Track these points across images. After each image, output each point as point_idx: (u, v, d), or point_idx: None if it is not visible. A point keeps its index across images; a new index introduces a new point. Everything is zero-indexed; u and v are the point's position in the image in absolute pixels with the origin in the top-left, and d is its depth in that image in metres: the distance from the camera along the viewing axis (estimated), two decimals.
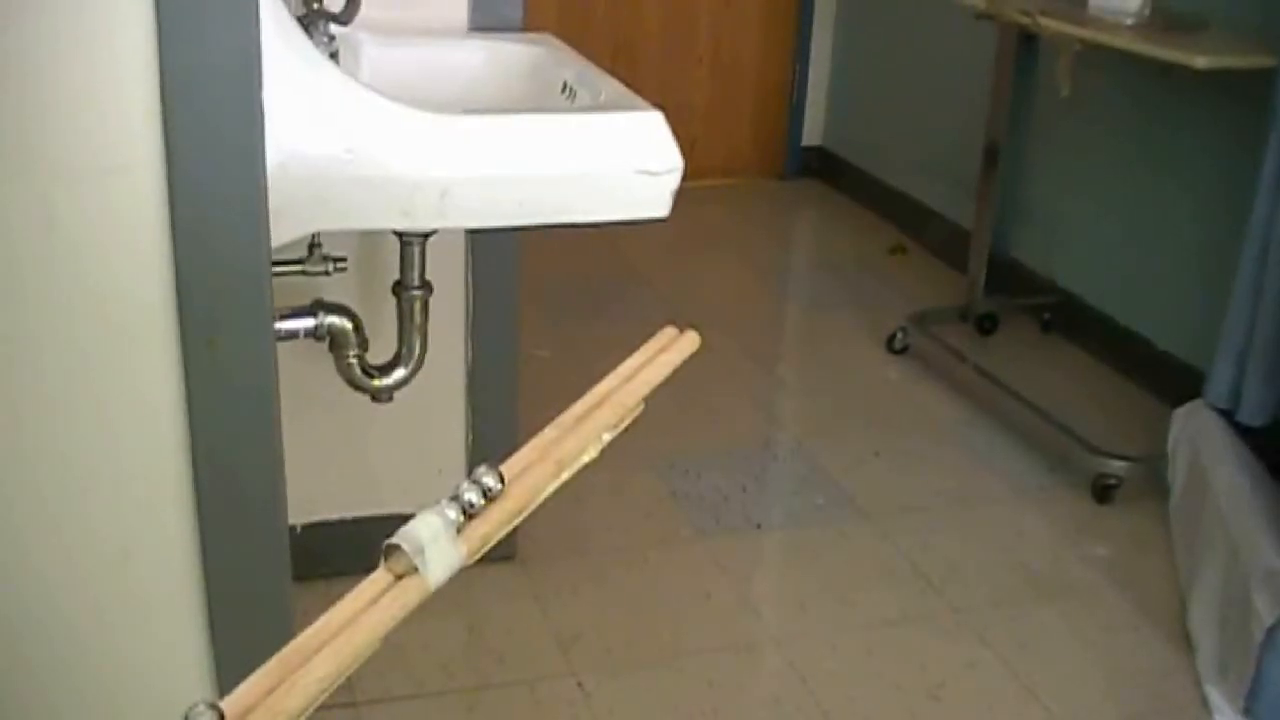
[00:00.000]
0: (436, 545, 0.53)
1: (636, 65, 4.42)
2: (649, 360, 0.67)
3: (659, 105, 1.48)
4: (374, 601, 0.52)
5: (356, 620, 0.51)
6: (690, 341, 0.70)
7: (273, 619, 1.29)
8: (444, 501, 0.56)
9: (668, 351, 0.68)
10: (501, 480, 0.57)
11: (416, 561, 0.53)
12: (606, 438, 0.63)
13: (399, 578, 0.54)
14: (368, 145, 1.36)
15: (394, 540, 0.54)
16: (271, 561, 1.29)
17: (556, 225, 1.45)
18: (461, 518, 0.55)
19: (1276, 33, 2.41)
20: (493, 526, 0.56)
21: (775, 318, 3.70)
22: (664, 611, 2.24)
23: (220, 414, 1.22)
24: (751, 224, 4.39)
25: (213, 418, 1.22)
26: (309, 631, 0.51)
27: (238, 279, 1.21)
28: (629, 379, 0.66)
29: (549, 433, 0.62)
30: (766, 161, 4.73)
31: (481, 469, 0.57)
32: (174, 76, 1.11)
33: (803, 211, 4.58)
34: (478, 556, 0.57)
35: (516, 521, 0.58)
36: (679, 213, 1.55)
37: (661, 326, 0.77)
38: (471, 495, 0.56)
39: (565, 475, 0.60)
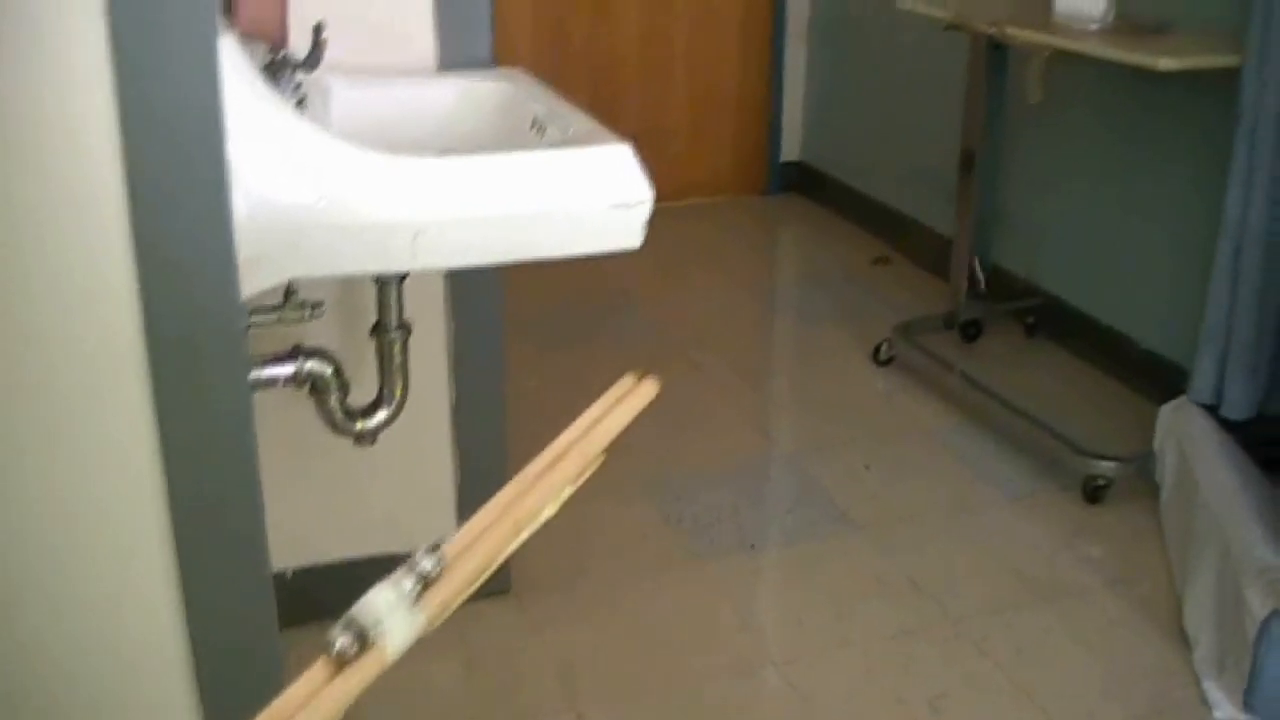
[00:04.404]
0: (393, 617, 0.54)
1: (615, 90, 4.45)
2: (609, 410, 0.68)
3: (638, 129, 1.49)
4: (332, 677, 0.52)
5: (317, 695, 0.51)
6: (649, 388, 0.70)
7: (260, 669, 1.29)
8: (399, 571, 0.57)
9: (627, 400, 0.68)
10: (441, 560, 0.58)
11: (374, 634, 0.53)
12: (567, 492, 0.63)
13: (357, 652, 0.54)
14: (338, 191, 1.36)
15: (351, 614, 0.55)
16: (257, 610, 1.29)
17: (530, 261, 1.45)
18: (419, 587, 0.56)
19: (1239, 32, 2.42)
20: (452, 592, 0.57)
21: (762, 334, 3.71)
22: (662, 638, 2.24)
23: (199, 467, 1.23)
24: (735, 241, 4.40)
25: (191, 471, 1.22)
26: (265, 715, 0.51)
27: (211, 331, 1.21)
28: (588, 430, 0.66)
29: (508, 491, 0.62)
30: (748, 178, 4.75)
31: (422, 550, 0.58)
32: (136, 133, 1.12)
33: (786, 226, 4.59)
34: (438, 623, 0.58)
35: (475, 586, 0.58)
36: (664, 232, 1.56)
37: (649, 348, 0.78)
38: (427, 563, 0.56)
39: (525, 535, 0.61)
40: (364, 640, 0.55)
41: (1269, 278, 2.44)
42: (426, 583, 0.56)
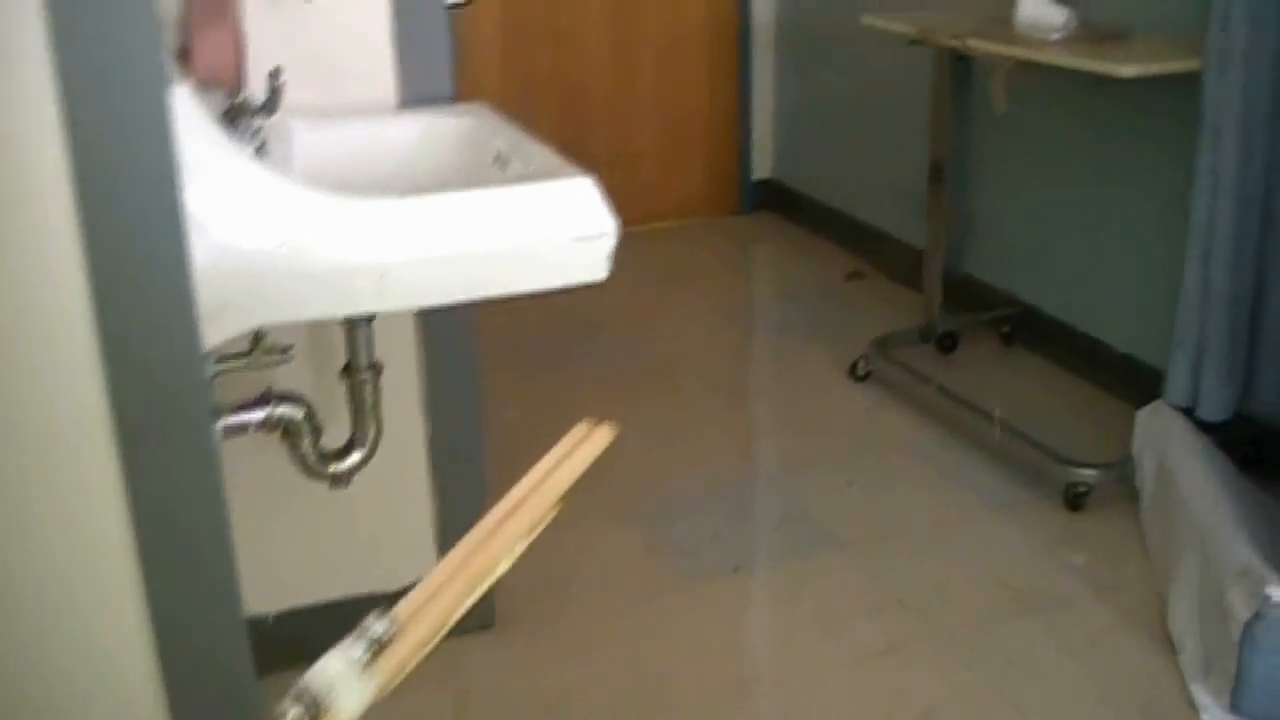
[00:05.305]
0: (344, 685, 0.53)
1: (585, 117, 4.46)
2: (563, 459, 0.67)
3: (609, 155, 1.49)
4: None
5: None
6: (604, 435, 0.70)
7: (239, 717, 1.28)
8: (350, 638, 0.56)
9: (581, 448, 0.68)
10: (394, 622, 0.57)
11: (325, 704, 0.53)
12: (520, 547, 0.63)
13: None
14: (299, 237, 1.36)
15: (302, 684, 0.54)
16: (233, 661, 1.28)
17: (496, 298, 1.45)
18: (370, 653, 0.55)
19: (1200, 36, 2.44)
20: (407, 653, 0.56)
21: (740, 353, 3.71)
22: (651, 665, 2.23)
23: (167, 520, 1.22)
24: (710, 261, 4.41)
25: (160, 524, 1.21)
26: None
27: (174, 383, 1.20)
28: (542, 481, 0.66)
29: (462, 547, 0.62)
30: (721, 199, 4.76)
31: (374, 614, 0.57)
32: (90, 192, 1.11)
33: (760, 245, 4.60)
34: (394, 685, 0.57)
35: (432, 645, 0.58)
36: (639, 256, 1.56)
37: (627, 371, 0.78)
38: (378, 628, 0.56)
39: (481, 589, 0.60)
40: (316, 709, 0.55)
41: (1239, 279, 2.45)
42: (381, 645, 0.56)
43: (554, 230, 1.44)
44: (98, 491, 1.20)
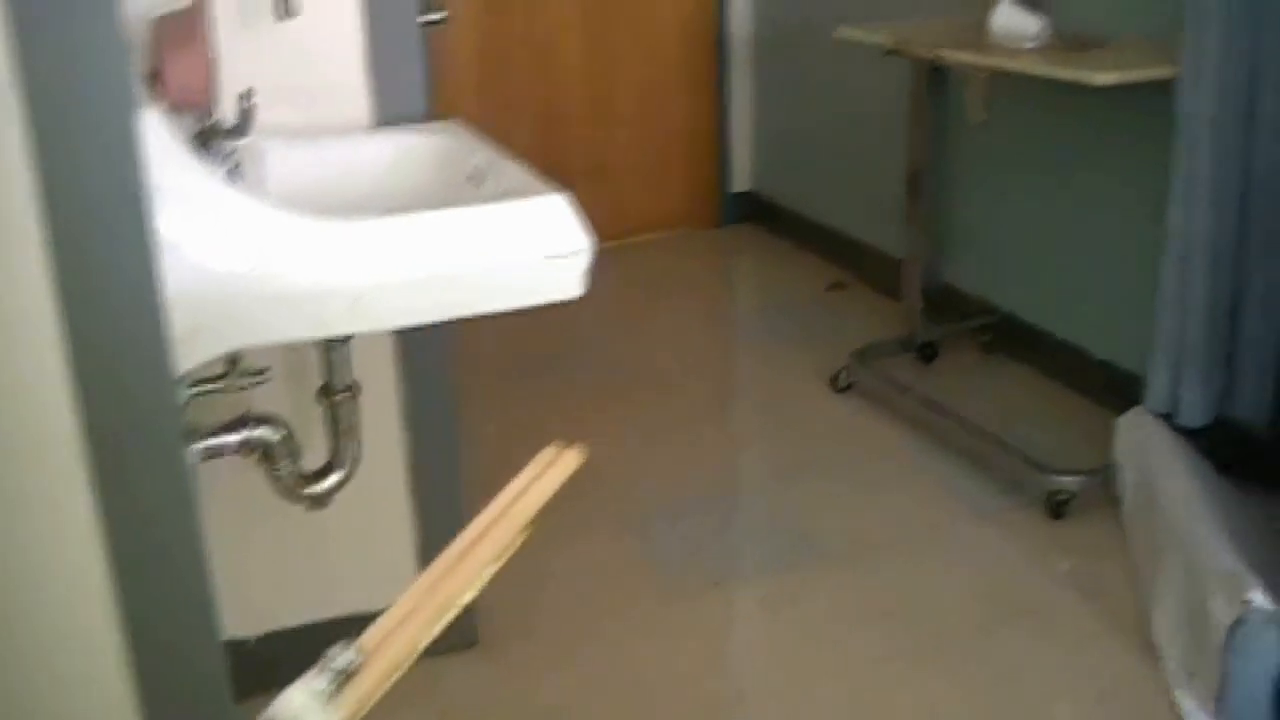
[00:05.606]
0: (308, 717, 0.53)
1: (563, 132, 4.45)
2: (530, 484, 0.67)
3: (588, 169, 1.49)
4: None
5: None
6: (573, 458, 0.69)
7: None
8: (313, 670, 0.55)
9: (549, 473, 0.67)
10: (359, 653, 0.57)
11: None
12: (488, 574, 0.62)
13: None
14: (271, 259, 1.36)
15: (268, 715, 0.54)
16: (211, 685, 1.27)
17: (470, 317, 1.45)
18: (334, 685, 0.55)
19: (1174, 43, 2.45)
20: (373, 684, 0.56)
21: (722, 366, 3.71)
22: (641, 680, 2.22)
23: (142, 546, 1.21)
24: (691, 274, 4.41)
25: (134, 550, 1.20)
26: None
27: (147, 406, 1.20)
28: (510, 506, 0.66)
29: (429, 575, 0.61)
30: (701, 212, 4.76)
31: (339, 645, 0.57)
32: (61, 220, 1.11)
33: (741, 257, 4.61)
34: (361, 715, 0.57)
35: (397, 676, 0.57)
36: (620, 269, 1.56)
37: (609, 385, 0.77)
38: (342, 660, 0.55)
39: (448, 617, 0.60)
40: None
41: (1216, 284, 2.46)
42: (347, 676, 0.55)
43: (528, 249, 1.43)
44: (72, 516, 1.20)
